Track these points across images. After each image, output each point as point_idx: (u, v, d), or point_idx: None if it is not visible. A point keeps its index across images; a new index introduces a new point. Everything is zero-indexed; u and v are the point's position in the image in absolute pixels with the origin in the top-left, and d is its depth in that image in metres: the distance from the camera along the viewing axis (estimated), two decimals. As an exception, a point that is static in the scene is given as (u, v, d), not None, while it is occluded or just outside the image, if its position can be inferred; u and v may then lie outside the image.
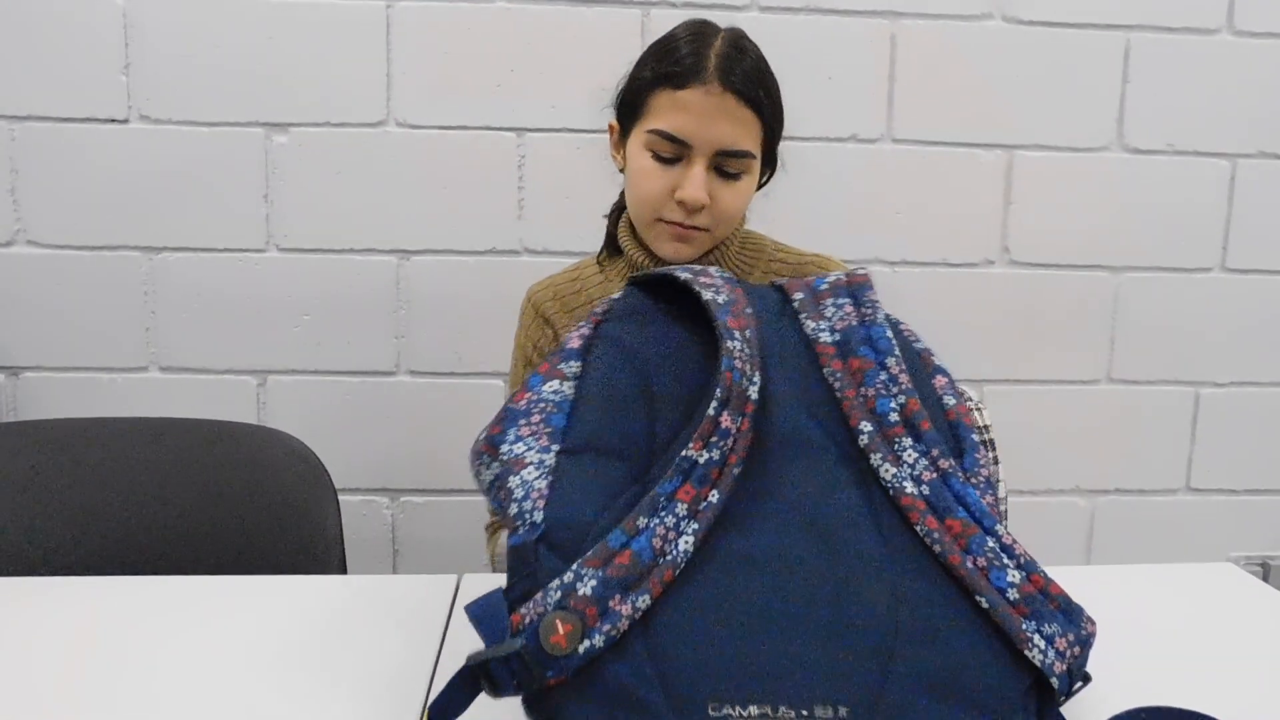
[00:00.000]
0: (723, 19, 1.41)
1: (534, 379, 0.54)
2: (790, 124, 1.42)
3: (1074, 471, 1.55)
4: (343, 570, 1.00)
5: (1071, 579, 0.75)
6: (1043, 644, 0.46)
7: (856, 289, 0.58)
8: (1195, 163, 1.48)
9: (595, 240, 1.43)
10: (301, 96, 1.38)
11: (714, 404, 0.49)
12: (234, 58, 1.36)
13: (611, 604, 0.44)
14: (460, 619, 0.68)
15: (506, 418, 0.52)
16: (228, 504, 1.00)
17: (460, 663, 0.45)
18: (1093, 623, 0.48)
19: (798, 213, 1.44)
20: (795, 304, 0.58)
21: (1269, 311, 1.53)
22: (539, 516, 0.47)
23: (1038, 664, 0.46)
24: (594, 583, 0.44)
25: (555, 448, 0.50)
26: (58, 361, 1.41)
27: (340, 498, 1.05)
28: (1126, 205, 1.48)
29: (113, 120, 1.37)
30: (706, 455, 0.48)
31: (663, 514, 0.46)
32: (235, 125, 1.38)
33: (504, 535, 0.60)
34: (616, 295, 0.58)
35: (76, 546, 0.96)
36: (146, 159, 1.38)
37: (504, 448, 0.51)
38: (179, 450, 1.02)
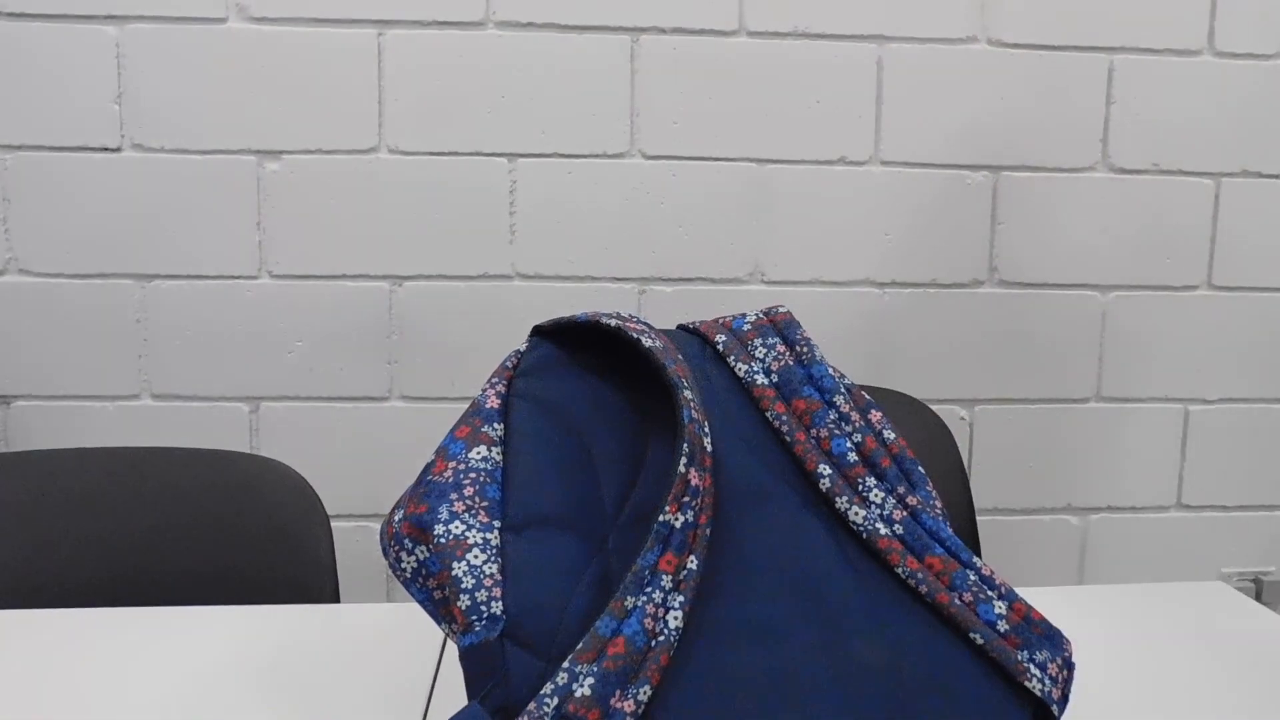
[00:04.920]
0: (712, 44, 1.43)
1: (454, 445, 0.48)
2: (779, 147, 1.44)
3: (1065, 490, 1.55)
4: (336, 598, 1.00)
5: (1062, 599, 0.75)
6: (1038, 673, 0.46)
7: (783, 327, 0.56)
8: (1180, 182, 1.50)
9: (587, 263, 1.45)
10: (293, 124, 1.39)
11: (682, 460, 0.45)
12: (226, 86, 1.37)
13: (613, 702, 0.39)
14: (454, 649, 0.68)
15: (431, 493, 0.46)
16: (220, 532, 1.00)
17: (454, 697, 0.45)
18: (1070, 643, 0.48)
19: (787, 235, 1.45)
20: (719, 347, 0.55)
21: (1256, 328, 1.54)
22: (498, 608, 0.42)
23: (1038, 694, 0.45)
24: (591, 680, 0.39)
25: (497, 524, 0.45)
26: (49, 390, 1.41)
27: (333, 524, 1.05)
28: (1113, 224, 1.50)
29: (105, 149, 1.37)
30: (682, 518, 0.44)
31: (649, 589, 0.42)
32: (227, 153, 1.38)
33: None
34: (523, 347, 0.54)
35: (68, 577, 0.96)
36: (139, 187, 1.38)
37: (437, 529, 0.44)
38: (171, 479, 1.01)
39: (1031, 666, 0.46)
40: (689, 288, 1.45)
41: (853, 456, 0.50)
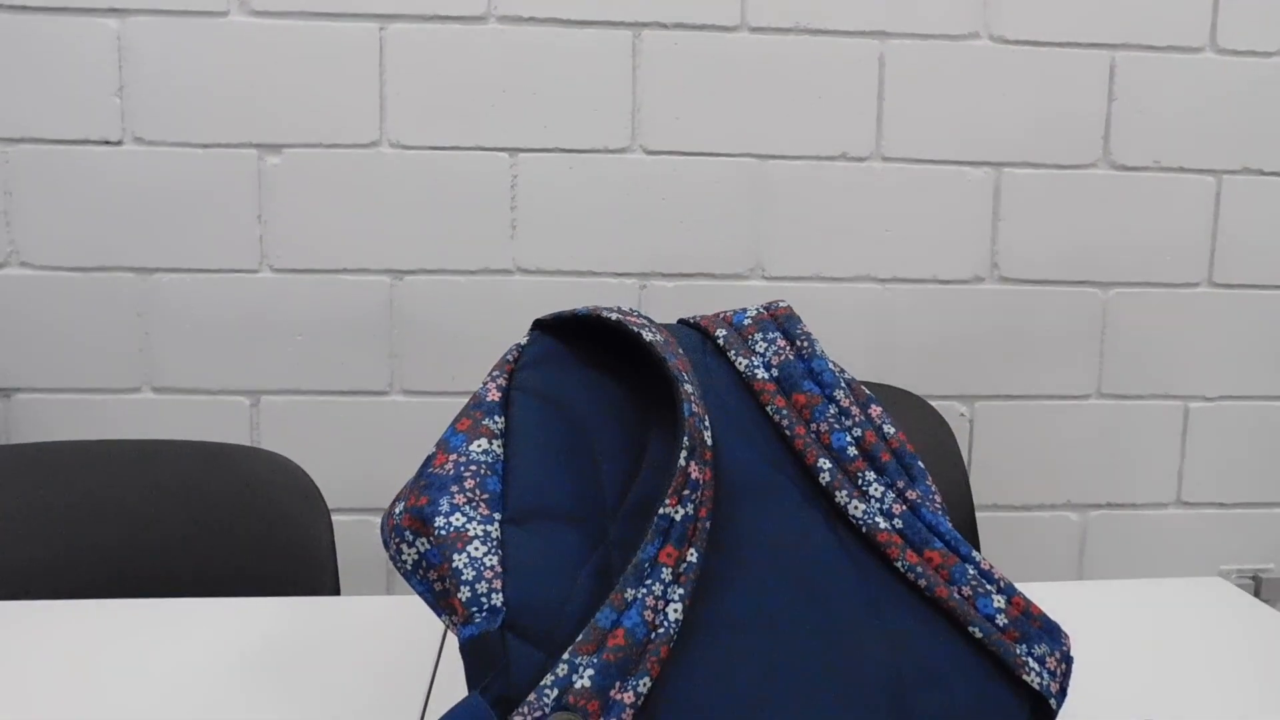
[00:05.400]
0: (713, 40, 1.43)
1: (455, 438, 0.48)
2: (781, 143, 1.44)
3: (1065, 486, 1.55)
4: (336, 591, 1.00)
5: (1061, 594, 0.75)
6: (1037, 666, 0.46)
7: (784, 322, 0.56)
8: (1181, 179, 1.50)
9: (588, 258, 1.45)
10: (295, 118, 1.38)
11: (683, 453, 0.45)
12: (227, 79, 1.37)
13: (613, 694, 0.39)
14: (454, 642, 0.68)
15: (431, 485, 0.46)
16: (220, 525, 1.00)
17: (454, 689, 0.45)
18: (1069, 638, 0.49)
19: (788, 230, 1.45)
20: (720, 341, 0.56)
21: (1257, 325, 1.54)
22: (499, 600, 0.42)
23: (1036, 687, 0.45)
24: (591, 672, 0.39)
25: (497, 516, 0.45)
26: (50, 383, 1.41)
27: (333, 518, 1.05)
28: (1114, 221, 1.50)
29: (106, 142, 1.37)
30: (682, 511, 0.44)
31: (649, 582, 0.42)
32: (229, 146, 1.38)
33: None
34: (524, 341, 0.54)
35: (69, 569, 0.96)
36: (140, 180, 1.38)
37: (438, 521, 0.44)
38: (172, 471, 1.01)
39: (1030, 660, 0.46)
40: (690, 283, 1.45)
41: (852, 451, 0.50)
